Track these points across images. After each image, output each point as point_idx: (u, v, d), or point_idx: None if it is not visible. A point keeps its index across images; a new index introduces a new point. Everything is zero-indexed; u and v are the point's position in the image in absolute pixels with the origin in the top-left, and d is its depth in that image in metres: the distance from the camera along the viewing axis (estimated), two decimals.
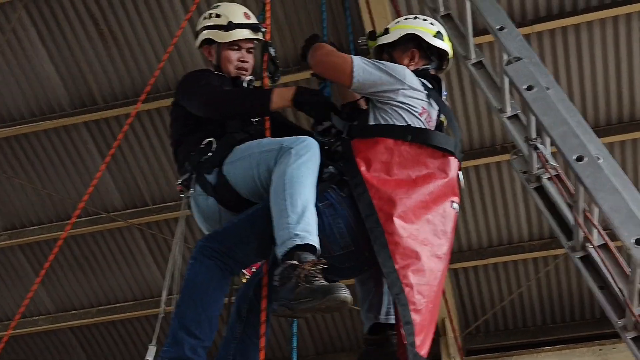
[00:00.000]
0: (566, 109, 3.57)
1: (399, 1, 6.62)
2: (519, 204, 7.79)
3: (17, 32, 7.05)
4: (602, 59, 6.86)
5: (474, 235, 8.03)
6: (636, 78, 6.94)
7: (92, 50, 7.16)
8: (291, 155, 3.44)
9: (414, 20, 4.05)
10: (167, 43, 6.89)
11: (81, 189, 7.88)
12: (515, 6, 6.66)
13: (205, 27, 4.08)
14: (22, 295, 8.66)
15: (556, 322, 8.51)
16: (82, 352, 9.38)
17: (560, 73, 6.93)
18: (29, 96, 7.48)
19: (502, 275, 8.27)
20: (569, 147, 3.36)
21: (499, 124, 6.99)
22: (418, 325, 3.25)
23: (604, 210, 3.17)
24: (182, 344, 3.29)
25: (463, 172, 7.74)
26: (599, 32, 6.74)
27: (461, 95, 7.16)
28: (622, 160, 7.35)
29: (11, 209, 8.26)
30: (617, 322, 3.29)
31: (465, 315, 8.51)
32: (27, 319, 8.93)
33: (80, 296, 8.86)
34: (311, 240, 3.20)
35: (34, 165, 7.88)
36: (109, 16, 6.95)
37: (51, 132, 7.67)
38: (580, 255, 3.54)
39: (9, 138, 7.70)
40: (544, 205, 3.82)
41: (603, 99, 7.09)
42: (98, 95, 7.41)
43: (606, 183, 3.22)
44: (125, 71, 7.28)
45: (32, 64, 7.26)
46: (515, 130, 4.08)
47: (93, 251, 8.49)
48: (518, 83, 3.67)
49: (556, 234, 3.72)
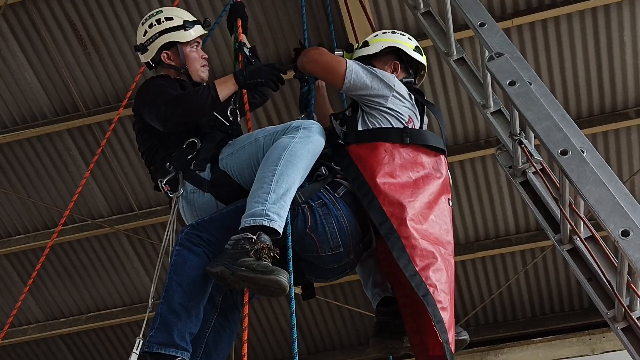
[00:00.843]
0: (549, 103, 3.58)
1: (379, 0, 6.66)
2: (504, 198, 7.81)
3: None
4: (583, 51, 6.89)
5: (461, 230, 8.04)
6: (616, 68, 6.97)
7: (72, 57, 7.12)
8: (299, 131, 3.51)
9: (393, 34, 4.17)
10: None
11: (66, 197, 7.85)
12: (495, 0, 6.67)
13: (161, 32, 4.02)
14: (10, 304, 8.63)
15: (545, 314, 8.56)
16: (72, 359, 9.34)
17: (542, 66, 6.95)
18: (11, 105, 7.43)
19: (490, 268, 8.29)
20: (553, 141, 3.37)
21: (482, 118, 7.00)
22: (447, 323, 3.35)
23: (590, 203, 3.18)
24: (170, 329, 3.28)
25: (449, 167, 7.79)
26: (578, 24, 6.76)
27: (444, 91, 7.17)
28: (605, 151, 7.38)
29: None
30: (606, 313, 3.31)
31: (456, 310, 8.51)
32: (17, 328, 8.87)
33: (69, 303, 8.82)
34: (278, 225, 3.28)
35: (18, 174, 7.82)
36: (88, 22, 6.91)
37: (34, 140, 7.62)
38: (568, 248, 3.56)
39: None
40: (530, 199, 3.84)
41: (585, 90, 7.11)
42: (80, 101, 7.37)
43: (591, 176, 3.23)
44: (107, 77, 7.24)
45: (12, 72, 7.21)
46: (499, 126, 4.09)
47: (80, 258, 8.45)
48: (500, 79, 3.67)
49: (543, 228, 3.74)
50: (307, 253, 3.53)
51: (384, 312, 3.89)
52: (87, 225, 8.08)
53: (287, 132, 3.54)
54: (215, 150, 3.73)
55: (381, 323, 3.90)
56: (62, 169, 7.80)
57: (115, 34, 6.96)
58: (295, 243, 3.43)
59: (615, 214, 3.09)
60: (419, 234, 3.42)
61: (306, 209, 3.49)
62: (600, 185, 3.20)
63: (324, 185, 3.58)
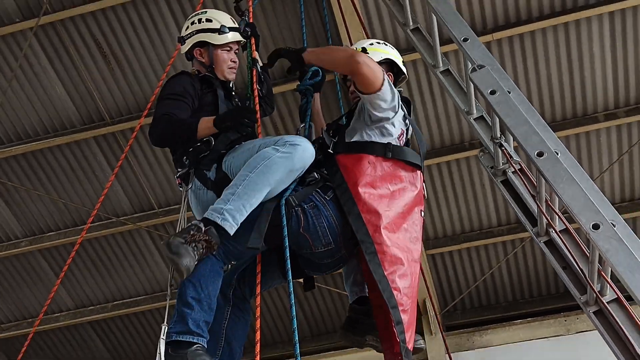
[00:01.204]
0: (526, 110, 3.57)
1: (372, 15, 6.63)
2: (487, 194, 7.80)
3: (28, 58, 7.00)
4: (556, 62, 6.88)
5: (448, 224, 8.04)
6: (586, 77, 6.95)
7: (97, 72, 7.11)
8: (285, 146, 3.45)
9: (386, 46, 4.10)
10: (165, 62, 6.89)
11: (93, 197, 7.85)
12: (477, 16, 6.66)
13: (198, 30, 4.02)
14: (44, 295, 8.65)
15: (525, 298, 8.54)
16: (100, 343, 9.34)
17: (519, 76, 6.94)
18: (43, 115, 7.43)
19: (474, 258, 8.28)
20: (530, 144, 3.37)
21: (466, 124, 6.98)
22: (406, 324, 3.36)
23: (563, 199, 3.18)
24: (185, 319, 3.30)
25: (437, 167, 7.78)
26: (552, 38, 6.75)
27: (432, 99, 7.15)
28: (577, 152, 7.36)
29: (31, 218, 8.21)
30: (579, 298, 3.31)
31: (444, 296, 8.52)
32: (50, 316, 8.87)
33: (97, 293, 8.82)
34: (228, 226, 3.31)
35: (50, 177, 7.83)
36: (111, 40, 6.90)
37: (64, 147, 7.62)
38: (545, 240, 3.56)
39: (26, 154, 7.65)
40: (510, 196, 3.84)
41: (558, 97, 7.10)
42: (105, 112, 7.37)
43: (565, 175, 3.23)
44: (128, 89, 7.23)
45: (44, 86, 7.21)
46: (482, 130, 4.09)
47: (106, 252, 8.45)
48: (482, 88, 3.68)
49: (522, 221, 3.73)
50: (303, 250, 3.55)
51: (357, 310, 3.93)
52: (112, 222, 8.08)
53: (276, 144, 3.48)
54: (224, 151, 3.69)
55: (352, 319, 3.94)
56: (89, 173, 7.79)
57: (135, 51, 6.96)
58: (291, 242, 3.43)
59: (587, 209, 3.09)
60: (391, 241, 3.43)
61: (299, 211, 3.48)
62: (573, 184, 3.19)
63: (315, 189, 3.57)
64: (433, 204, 7.85)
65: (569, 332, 8.01)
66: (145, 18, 6.75)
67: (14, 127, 7.52)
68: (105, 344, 9.34)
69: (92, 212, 5.15)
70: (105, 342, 9.33)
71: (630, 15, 6.60)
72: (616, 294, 3.12)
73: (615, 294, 3.12)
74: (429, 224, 7.97)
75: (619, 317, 3.06)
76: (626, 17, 6.61)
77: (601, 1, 6.51)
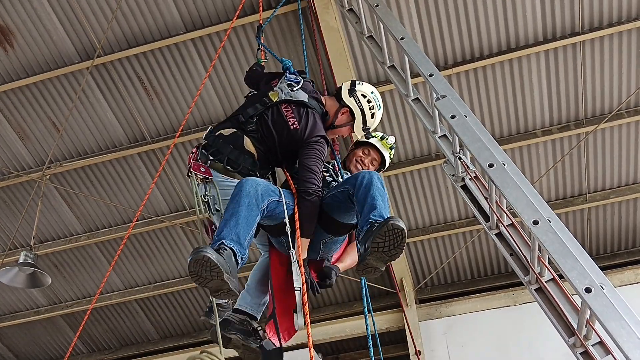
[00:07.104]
0: (479, 130, 3.56)
1: (357, 55, 6.64)
2: (450, 195, 7.81)
3: (85, 91, 7.00)
4: (503, 90, 6.89)
5: (420, 218, 8.04)
6: (527, 101, 6.96)
7: (140, 101, 7.12)
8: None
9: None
10: (193, 93, 6.90)
11: (137, 200, 7.86)
12: (439, 54, 6.68)
13: (365, 105, 3.80)
14: (99, 278, 8.64)
15: (481, 276, 8.54)
16: (145, 317, 9.33)
17: (474, 102, 6.95)
18: (97, 136, 7.43)
19: (441, 245, 8.28)
20: (483, 157, 3.37)
21: (432, 140, 6.99)
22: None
23: (510, 201, 3.17)
24: (221, 234, 2.95)
25: (410, 174, 7.63)
26: (500, 71, 6.76)
27: (405, 121, 7.17)
28: (520, 161, 7.37)
29: (88, 217, 8.20)
30: (523, 278, 3.27)
31: (417, 275, 8.52)
32: (104, 295, 8.86)
33: (141, 276, 8.81)
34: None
35: (103, 185, 7.82)
36: (151, 76, 6.91)
37: (114, 161, 7.62)
38: (495, 232, 3.52)
39: (84, 167, 7.65)
40: (468, 197, 3.80)
41: (505, 117, 7.11)
42: (146, 133, 7.37)
43: (510, 182, 3.22)
44: (165, 115, 7.23)
45: (97, 114, 7.22)
46: (445, 146, 4.08)
47: (149, 244, 8.44)
48: (444, 114, 3.68)
49: (477, 218, 3.73)
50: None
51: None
52: (153, 220, 8.07)
53: None
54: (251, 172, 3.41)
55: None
56: (135, 181, 7.79)
57: (170, 84, 6.96)
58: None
59: (528, 208, 3.08)
60: None
61: None
62: (517, 188, 3.19)
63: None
64: (407, 202, 7.86)
65: (516, 303, 8.01)
66: (177, 58, 6.76)
67: (74, 146, 7.52)
68: (148, 316, 9.33)
69: (136, 212, 5.15)
70: (148, 315, 9.32)
71: (562, 52, 6.62)
72: (552, 275, 3.11)
73: (552, 275, 3.11)
74: (405, 219, 7.98)
75: (555, 292, 3.05)
76: (558, 54, 6.63)
77: (539, 42, 6.53)
